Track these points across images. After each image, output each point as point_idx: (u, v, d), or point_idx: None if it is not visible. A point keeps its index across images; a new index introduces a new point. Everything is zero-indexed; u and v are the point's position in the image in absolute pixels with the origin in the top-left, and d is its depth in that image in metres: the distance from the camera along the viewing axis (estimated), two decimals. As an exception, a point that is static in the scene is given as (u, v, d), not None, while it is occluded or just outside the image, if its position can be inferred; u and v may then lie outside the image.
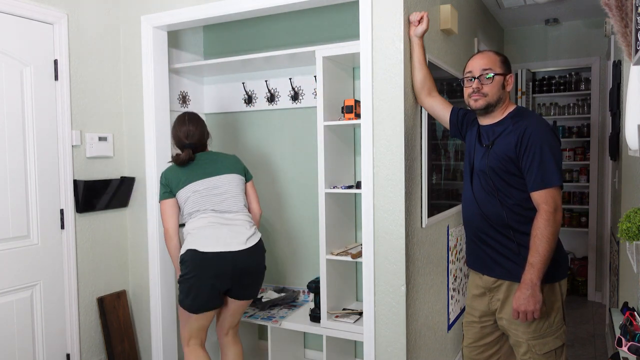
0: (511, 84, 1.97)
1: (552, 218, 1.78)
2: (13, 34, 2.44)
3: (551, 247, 1.78)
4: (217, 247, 2.29)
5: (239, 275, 2.35)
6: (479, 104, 1.96)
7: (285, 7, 2.54)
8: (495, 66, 1.94)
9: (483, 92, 1.94)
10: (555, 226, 1.79)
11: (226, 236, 2.33)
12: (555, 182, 1.80)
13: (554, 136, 1.86)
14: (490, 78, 1.92)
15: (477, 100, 1.96)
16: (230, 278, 2.33)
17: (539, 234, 1.78)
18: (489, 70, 1.93)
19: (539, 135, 1.83)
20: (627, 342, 1.56)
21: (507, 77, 1.96)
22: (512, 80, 1.97)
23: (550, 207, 1.79)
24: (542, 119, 1.92)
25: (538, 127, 1.85)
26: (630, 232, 1.55)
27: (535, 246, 1.78)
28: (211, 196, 2.40)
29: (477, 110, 2.00)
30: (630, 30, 1.54)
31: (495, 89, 1.93)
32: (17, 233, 2.45)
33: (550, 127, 1.89)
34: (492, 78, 1.92)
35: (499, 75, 1.93)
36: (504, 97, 1.97)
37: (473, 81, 1.95)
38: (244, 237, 2.37)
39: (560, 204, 1.82)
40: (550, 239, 1.78)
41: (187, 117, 2.52)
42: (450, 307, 2.94)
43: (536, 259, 1.78)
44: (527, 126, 1.85)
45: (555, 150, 1.83)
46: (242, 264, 2.34)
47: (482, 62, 1.95)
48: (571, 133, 5.03)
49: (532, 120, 1.89)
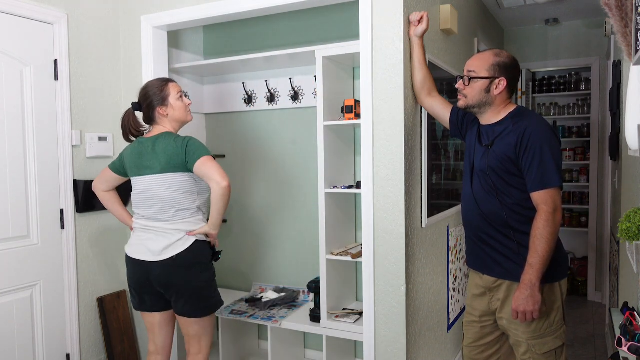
0: (500, 89, 1.91)
1: (551, 218, 1.78)
2: (13, 34, 2.44)
3: (550, 247, 1.78)
4: (135, 254, 2.20)
5: (158, 286, 2.19)
6: (459, 103, 2.01)
7: (285, 7, 2.54)
8: (481, 69, 1.92)
9: (464, 93, 1.97)
10: (555, 227, 1.79)
11: (146, 244, 2.18)
12: (554, 182, 1.79)
13: (554, 136, 1.86)
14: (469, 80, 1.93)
15: (459, 100, 2.00)
16: (150, 287, 2.20)
17: (538, 234, 1.78)
18: (472, 73, 1.94)
19: (539, 135, 1.82)
20: (627, 342, 1.56)
21: (496, 81, 1.91)
22: (502, 84, 1.91)
23: (549, 207, 1.78)
24: (542, 119, 1.91)
25: (538, 128, 1.84)
26: (630, 232, 1.55)
27: (535, 246, 1.78)
28: (143, 200, 2.20)
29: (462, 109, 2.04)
30: (630, 30, 1.54)
31: (474, 92, 1.93)
32: (17, 233, 2.45)
33: (550, 127, 1.88)
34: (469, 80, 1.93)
35: (483, 79, 1.91)
36: (489, 100, 1.93)
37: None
38: (160, 247, 2.14)
39: (560, 204, 1.81)
40: (550, 239, 1.77)
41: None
42: (450, 307, 2.94)
43: (535, 259, 1.78)
44: (527, 126, 1.84)
45: (555, 150, 1.83)
46: (157, 276, 2.16)
47: (472, 62, 1.97)
48: (571, 133, 5.03)
49: (532, 120, 1.88)
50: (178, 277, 2.15)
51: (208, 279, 2.23)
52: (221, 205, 2.10)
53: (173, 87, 2.23)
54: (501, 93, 1.93)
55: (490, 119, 1.98)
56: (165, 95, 2.20)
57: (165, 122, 2.23)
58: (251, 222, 3.40)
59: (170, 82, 2.25)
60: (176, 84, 2.27)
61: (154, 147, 2.17)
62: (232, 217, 3.46)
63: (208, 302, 2.24)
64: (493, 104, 1.95)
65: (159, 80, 2.25)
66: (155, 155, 2.15)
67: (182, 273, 2.15)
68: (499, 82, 1.91)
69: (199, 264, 2.18)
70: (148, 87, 2.24)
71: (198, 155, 2.11)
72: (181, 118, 2.25)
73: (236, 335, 3.17)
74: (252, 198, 3.39)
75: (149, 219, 2.19)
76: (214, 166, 2.09)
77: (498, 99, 1.94)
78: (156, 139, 2.18)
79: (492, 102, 1.94)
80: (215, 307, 2.27)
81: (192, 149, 2.12)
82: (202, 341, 2.28)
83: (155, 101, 2.20)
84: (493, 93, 1.93)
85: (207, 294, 2.23)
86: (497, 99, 1.94)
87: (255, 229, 3.40)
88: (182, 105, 2.24)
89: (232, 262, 3.49)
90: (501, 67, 1.92)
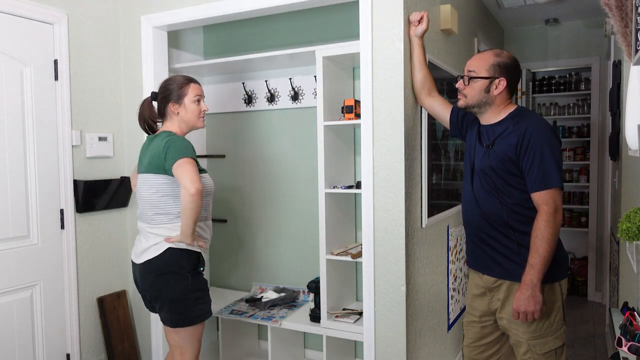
0: (500, 89, 1.91)
1: (552, 219, 1.78)
2: (13, 34, 2.44)
3: (551, 247, 1.78)
4: (131, 254, 2.21)
5: (139, 290, 2.19)
6: (459, 103, 2.01)
7: (285, 7, 2.54)
8: (481, 69, 1.92)
9: (464, 93, 1.97)
10: (556, 227, 1.78)
11: (135, 244, 2.18)
12: (555, 183, 1.79)
13: (554, 137, 1.85)
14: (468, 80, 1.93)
15: (459, 100, 2.00)
16: (140, 289, 2.19)
17: (539, 234, 1.78)
18: (472, 72, 1.94)
19: (539, 135, 1.82)
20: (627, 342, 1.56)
21: (496, 81, 1.91)
22: (502, 84, 1.91)
23: (550, 207, 1.78)
24: (542, 120, 1.91)
25: (539, 128, 1.84)
26: (630, 232, 1.56)
27: (536, 247, 1.78)
28: (137, 199, 2.19)
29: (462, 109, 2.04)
30: (630, 30, 1.54)
31: (474, 91, 1.93)
32: (17, 233, 2.45)
33: (550, 127, 1.88)
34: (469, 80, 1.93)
35: (482, 78, 1.91)
36: (489, 100, 1.93)
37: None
38: (140, 249, 2.11)
39: (561, 204, 1.81)
40: (551, 239, 1.77)
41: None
42: (450, 307, 2.94)
43: (536, 259, 1.77)
44: (528, 127, 1.84)
45: (555, 151, 1.82)
46: (136, 279, 2.16)
47: (472, 62, 1.97)
48: (571, 133, 5.03)
49: (532, 120, 1.87)
50: (148, 284, 2.09)
51: (184, 290, 2.07)
52: (189, 214, 1.95)
53: (193, 88, 2.17)
54: (501, 93, 1.93)
55: (490, 119, 1.98)
56: (182, 93, 2.14)
57: (174, 121, 2.17)
58: (251, 222, 3.40)
59: (193, 83, 2.18)
60: (198, 86, 2.20)
61: (149, 144, 2.13)
62: (232, 217, 3.47)
63: (184, 315, 2.09)
64: (493, 104, 1.95)
65: (182, 77, 2.19)
66: (147, 153, 2.11)
67: (151, 280, 2.08)
68: (499, 82, 1.91)
69: (171, 274, 2.06)
70: (169, 80, 2.19)
71: (176, 157, 1.98)
72: (191, 121, 2.18)
73: (236, 335, 3.17)
74: (252, 198, 3.39)
75: (138, 219, 2.18)
76: (186, 170, 1.95)
77: (498, 99, 1.94)
78: (156, 136, 2.13)
79: (492, 102, 1.94)
80: (195, 320, 2.12)
81: (172, 150, 2.00)
82: (185, 353, 2.15)
83: (171, 96, 2.14)
84: (493, 93, 1.93)
85: (182, 307, 2.08)
86: (497, 99, 1.94)
87: (255, 229, 3.40)
88: (196, 109, 2.17)
89: (232, 262, 3.49)
90: (501, 67, 1.92)
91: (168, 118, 2.18)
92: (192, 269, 2.10)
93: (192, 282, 2.09)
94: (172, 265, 2.06)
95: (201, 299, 2.14)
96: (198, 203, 1.94)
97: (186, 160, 1.97)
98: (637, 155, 1.71)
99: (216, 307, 3.03)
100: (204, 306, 2.16)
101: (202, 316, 2.15)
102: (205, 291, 2.19)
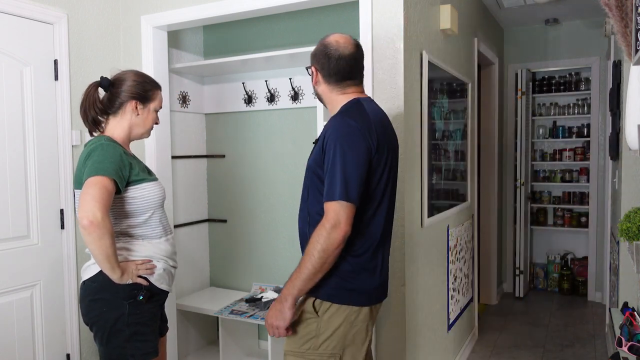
0: (315, 79, 1.68)
1: (324, 233, 1.48)
2: (13, 34, 2.44)
3: (316, 265, 1.50)
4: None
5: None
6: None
7: (285, 7, 2.54)
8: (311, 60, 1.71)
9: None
10: (328, 244, 1.47)
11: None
12: (336, 195, 1.48)
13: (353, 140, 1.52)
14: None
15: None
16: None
17: (309, 247, 1.52)
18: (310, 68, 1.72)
19: (333, 139, 1.53)
20: (627, 342, 1.56)
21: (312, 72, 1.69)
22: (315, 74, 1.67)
23: (328, 221, 1.48)
24: (344, 119, 1.57)
25: (335, 130, 1.54)
26: (630, 232, 1.56)
27: (301, 259, 1.55)
28: None
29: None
30: (630, 30, 1.54)
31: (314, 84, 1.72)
32: (17, 233, 2.45)
33: (353, 127, 1.54)
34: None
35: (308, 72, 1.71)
36: (319, 95, 1.72)
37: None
38: (83, 268, 1.87)
39: (346, 221, 1.48)
40: (316, 256, 1.49)
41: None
42: (450, 307, 2.94)
43: (295, 272, 1.56)
44: (328, 127, 1.57)
45: (348, 158, 1.49)
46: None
47: None
48: (571, 133, 5.03)
49: (334, 119, 1.60)
50: (84, 309, 1.81)
51: (115, 321, 1.73)
52: (92, 250, 1.62)
53: (160, 98, 1.94)
54: (319, 84, 1.69)
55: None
56: (152, 97, 1.89)
57: (125, 121, 1.85)
58: (251, 222, 3.40)
59: (161, 91, 1.96)
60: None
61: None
62: (232, 217, 3.47)
63: (116, 352, 1.76)
64: (324, 98, 1.72)
65: (154, 80, 1.95)
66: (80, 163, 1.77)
67: (86, 305, 1.79)
68: (313, 72, 1.69)
69: (103, 300, 1.75)
70: (146, 78, 1.91)
71: (90, 173, 1.64)
72: (144, 128, 1.90)
73: (236, 335, 3.17)
74: (251, 198, 3.39)
75: None
76: (87, 194, 1.60)
77: (321, 90, 1.70)
78: (87, 143, 1.80)
79: (321, 96, 1.72)
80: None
81: (91, 162, 1.68)
82: None
83: (140, 95, 1.85)
84: (315, 85, 1.72)
85: (114, 342, 1.74)
86: (321, 91, 1.70)
87: (255, 229, 3.40)
88: (154, 119, 1.93)
89: (232, 262, 3.49)
90: (313, 55, 1.69)
91: (119, 115, 1.85)
92: (131, 296, 1.75)
93: (129, 312, 1.75)
94: (106, 290, 1.75)
95: (139, 336, 1.77)
96: (95, 236, 1.58)
97: (95, 181, 1.62)
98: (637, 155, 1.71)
99: (216, 307, 3.03)
100: (142, 345, 1.77)
101: (137, 357, 1.76)
102: (148, 326, 1.80)
